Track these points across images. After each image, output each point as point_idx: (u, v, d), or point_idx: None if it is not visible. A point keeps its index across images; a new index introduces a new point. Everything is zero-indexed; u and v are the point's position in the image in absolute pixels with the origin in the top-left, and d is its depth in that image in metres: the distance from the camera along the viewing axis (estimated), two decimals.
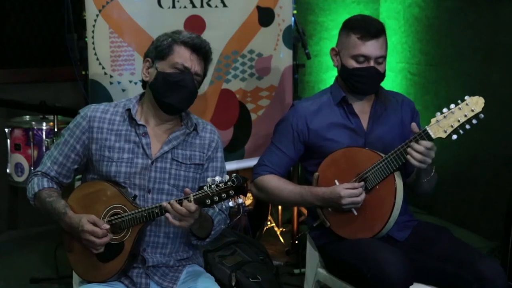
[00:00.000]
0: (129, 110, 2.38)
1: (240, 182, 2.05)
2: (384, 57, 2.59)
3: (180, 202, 2.12)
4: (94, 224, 2.23)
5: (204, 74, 2.42)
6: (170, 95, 2.32)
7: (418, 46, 4.74)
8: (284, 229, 4.23)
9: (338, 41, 2.65)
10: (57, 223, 2.34)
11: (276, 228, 4.19)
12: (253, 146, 3.54)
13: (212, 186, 2.07)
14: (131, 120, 2.37)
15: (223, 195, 2.06)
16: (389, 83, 4.96)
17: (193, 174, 2.39)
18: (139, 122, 2.36)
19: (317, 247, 2.72)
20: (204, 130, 2.46)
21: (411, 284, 2.34)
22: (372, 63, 2.56)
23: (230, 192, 2.05)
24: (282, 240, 4.13)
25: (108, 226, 2.24)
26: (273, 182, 2.67)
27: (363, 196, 2.47)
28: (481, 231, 4.25)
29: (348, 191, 2.46)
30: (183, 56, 2.33)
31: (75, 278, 2.44)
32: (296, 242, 3.95)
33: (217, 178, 2.07)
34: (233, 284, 2.82)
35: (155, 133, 2.38)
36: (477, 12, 4.24)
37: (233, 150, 3.50)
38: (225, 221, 2.44)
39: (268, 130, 3.49)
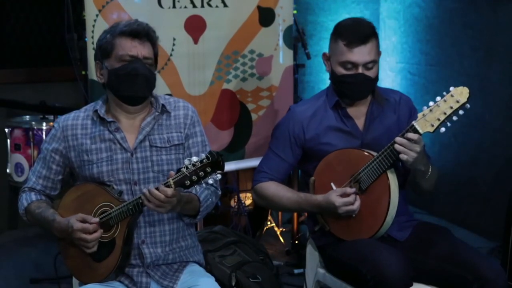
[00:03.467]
0: (97, 111, 2.37)
1: (215, 158, 2.06)
2: (374, 61, 2.54)
3: (158, 188, 2.14)
4: (83, 220, 2.25)
5: (155, 55, 2.38)
6: (126, 87, 2.31)
7: (418, 46, 4.74)
8: (284, 229, 4.23)
9: (329, 46, 2.62)
10: (50, 232, 2.36)
11: (276, 228, 4.19)
12: (254, 146, 3.53)
13: (189, 166, 2.08)
14: (101, 120, 2.37)
15: (200, 174, 2.07)
16: (389, 83, 4.96)
17: (175, 156, 2.39)
18: (109, 120, 2.36)
19: (317, 247, 2.72)
20: (177, 108, 2.43)
21: (411, 285, 2.34)
22: (360, 70, 2.51)
23: (207, 169, 2.07)
24: (282, 240, 4.13)
25: (97, 220, 2.25)
26: (271, 189, 2.66)
27: (358, 203, 2.46)
28: (481, 231, 4.25)
29: (342, 200, 2.45)
30: (125, 47, 2.30)
31: (75, 278, 2.44)
32: (296, 242, 3.95)
33: (194, 158, 2.09)
34: (233, 284, 2.81)
35: (129, 127, 2.38)
36: (477, 12, 4.23)
37: (233, 150, 3.50)
38: (216, 194, 2.45)
39: (268, 130, 3.47)
